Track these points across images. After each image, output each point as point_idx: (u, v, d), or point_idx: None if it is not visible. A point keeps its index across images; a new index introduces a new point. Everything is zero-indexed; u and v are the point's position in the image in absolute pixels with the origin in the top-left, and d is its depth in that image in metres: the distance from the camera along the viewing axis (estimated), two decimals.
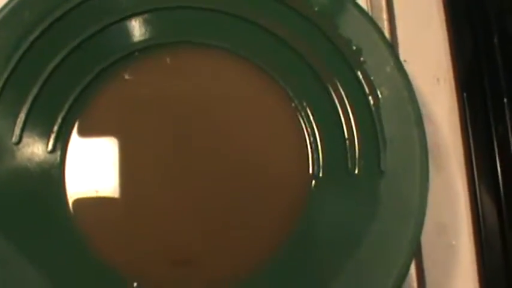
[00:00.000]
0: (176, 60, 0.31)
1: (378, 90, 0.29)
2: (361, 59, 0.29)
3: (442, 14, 0.34)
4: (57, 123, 0.29)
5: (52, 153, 0.29)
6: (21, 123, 0.28)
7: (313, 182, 0.29)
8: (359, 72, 0.29)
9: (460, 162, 0.32)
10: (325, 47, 0.30)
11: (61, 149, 0.29)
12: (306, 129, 0.30)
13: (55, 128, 0.29)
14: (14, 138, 0.28)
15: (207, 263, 0.29)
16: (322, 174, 0.29)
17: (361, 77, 0.29)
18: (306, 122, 0.30)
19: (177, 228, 0.29)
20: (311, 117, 0.30)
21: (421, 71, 0.33)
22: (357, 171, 0.29)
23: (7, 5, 0.28)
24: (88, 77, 0.30)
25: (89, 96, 0.30)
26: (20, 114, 0.28)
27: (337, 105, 0.29)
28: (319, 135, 0.30)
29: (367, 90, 0.29)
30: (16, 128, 0.28)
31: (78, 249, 0.28)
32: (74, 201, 0.29)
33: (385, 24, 0.34)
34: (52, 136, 0.29)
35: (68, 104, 0.29)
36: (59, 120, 0.29)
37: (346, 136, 0.29)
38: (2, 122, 0.28)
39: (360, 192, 0.28)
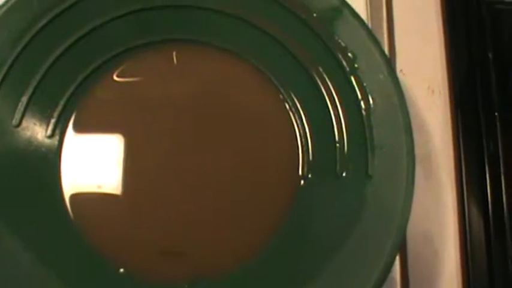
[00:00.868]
0: (179, 57, 0.32)
1: (369, 97, 0.29)
2: (356, 65, 0.30)
3: (440, 27, 0.35)
4: (57, 109, 0.30)
5: (50, 138, 0.30)
6: (22, 107, 0.29)
7: (302, 182, 0.30)
8: (352, 78, 0.29)
9: (449, 173, 0.33)
10: (322, 52, 0.30)
11: (59, 134, 0.30)
12: (298, 130, 0.31)
13: (55, 114, 0.30)
14: (14, 121, 0.29)
15: (195, 256, 0.29)
16: (311, 176, 0.30)
17: (354, 82, 0.29)
18: (299, 123, 0.31)
19: (168, 220, 0.30)
20: (304, 119, 0.31)
21: (416, 82, 0.34)
22: (345, 174, 0.29)
23: None
24: (90, 67, 0.31)
25: (89, 86, 0.31)
26: (22, 98, 0.29)
27: (329, 109, 0.30)
28: (311, 137, 0.31)
29: (360, 96, 0.29)
30: (17, 111, 0.29)
31: (69, 232, 0.29)
32: (67, 186, 0.30)
33: (384, 34, 0.35)
34: (52, 121, 0.30)
35: (69, 92, 0.30)
36: (59, 106, 0.30)
37: (337, 139, 0.30)
38: (3, 104, 0.29)
39: (347, 194, 0.29)
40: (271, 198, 0.30)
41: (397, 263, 0.31)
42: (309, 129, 0.31)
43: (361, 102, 0.29)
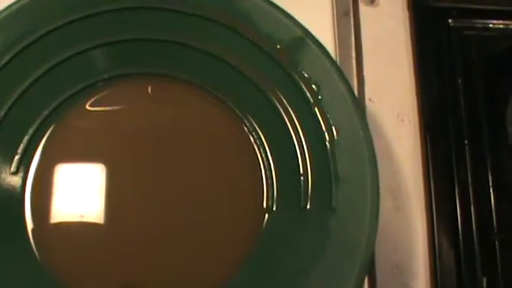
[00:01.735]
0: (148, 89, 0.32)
1: (333, 128, 0.29)
2: (319, 96, 0.29)
3: (410, 54, 0.35)
4: (21, 146, 0.30)
5: (15, 174, 0.30)
6: None
7: (267, 215, 0.30)
8: (316, 109, 0.29)
9: (420, 203, 0.32)
10: (286, 84, 0.30)
11: (24, 171, 0.30)
12: (263, 163, 0.31)
13: (19, 150, 0.30)
14: None
15: None
16: (275, 209, 0.30)
17: (318, 114, 0.29)
18: (263, 156, 0.31)
19: (129, 251, 0.30)
20: (268, 151, 0.31)
21: (386, 110, 0.34)
22: (308, 207, 0.29)
23: None
24: (54, 103, 0.31)
25: (53, 122, 0.31)
26: None
27: (294, 141, 0.30)
28: (275, 170, 0.30)
29: (324, 127, 0.29)
30: None
31: (32, 266, 0.29)
32: (32, 219, 0.29)
33: (353, 62, 0.34)
34: (16, 158, 0.30)
35: (34, 127, 0.30)
36: (23, 143, 0.30)
37: (301, 172, 0.29)
38: None
39: (311, 227, 0.29)
40: (237, 232, 0.30)
41: None
42: (273, 162, 0.31)
43: (325, 134, 0.29)
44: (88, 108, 0.32)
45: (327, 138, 0.29)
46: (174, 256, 0.30)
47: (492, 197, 0.32)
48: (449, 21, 0.36)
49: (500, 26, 0.36)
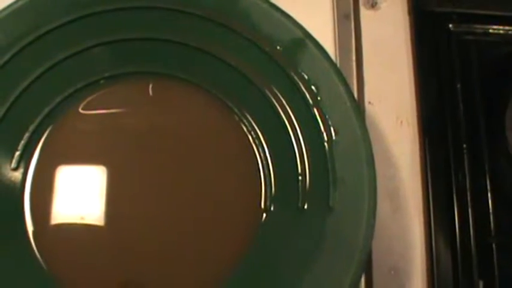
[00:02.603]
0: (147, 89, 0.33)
1: (332, 129, 0.29)
2: (319, 98, 0.30)
3: (409, 58, 0.35)
4: (22, 143, 0.30)
5: (15, 170, 0.30)
6: None
7: (264, 215, 0.30)
8: (315, 110, 0.29)
9: (417, 206, 0.32)
10: (285, 85, 0.30)
11: (24, 167, 0.30)
12: (261, 163, 0.31)
13: (20, 147, 0.30)
14: None
15: None
16: (273, 209, 0.30)
17: (317, 115, 0.29)
18: (262, 156, 0.31)
19: (129, 252, 0.30)
20: (266, 151, 0.31)
21: (385, 113, 0.34)
22: (306, 207, 0.29)
23: None
24: (55, 101, 0.31)
25: (54, 120, 0.31)
26: None
27: (292, 142, 0.30)
28: (273, 170, 0.31)
29: (322, 128, 0.29)
30: None
31: (31, 264, 0.29)
32: (31, 217, 0.30)
33: (353, 65, 0.35)
34: (16, 154, 0.30)
35: (36, 124, 0.31)
36: (24, 139, 0.30)
37: (299, 172, 0.30)
38: None
39: (308, 226, 0.29)
40: (234, 231, 0.30)
41: None
42: (271, 162, 0.31)
43: (324, 135, 0.29)
44: (88, 106, 0.32)
45: (326, 139, 0.29)
46: (173, 256, 0.30)
47: (489, 200, 0.32)
48: (450, 25, 0.36)
49: (500, 31, 0.36)
